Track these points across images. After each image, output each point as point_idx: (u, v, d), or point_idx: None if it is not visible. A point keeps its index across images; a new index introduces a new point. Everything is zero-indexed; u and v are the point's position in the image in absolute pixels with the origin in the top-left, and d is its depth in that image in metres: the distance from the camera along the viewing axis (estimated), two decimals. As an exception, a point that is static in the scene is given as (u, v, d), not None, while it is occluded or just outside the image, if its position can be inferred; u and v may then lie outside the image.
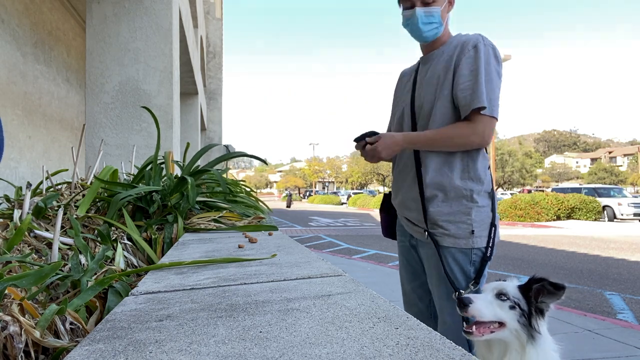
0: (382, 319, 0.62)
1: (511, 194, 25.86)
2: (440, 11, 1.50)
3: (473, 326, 1.24)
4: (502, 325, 1.24)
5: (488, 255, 1.44)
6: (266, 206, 2.41)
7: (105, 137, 3.76)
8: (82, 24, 6.53)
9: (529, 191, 29.07)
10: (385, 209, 1.78)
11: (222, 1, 18.13)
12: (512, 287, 1.28)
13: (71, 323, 0.75)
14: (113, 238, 1.38)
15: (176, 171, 2.61)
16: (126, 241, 1.42)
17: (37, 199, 1.51)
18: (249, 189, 2.62)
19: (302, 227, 13.63)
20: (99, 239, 1.34)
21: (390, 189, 1.79)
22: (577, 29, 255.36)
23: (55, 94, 5.71)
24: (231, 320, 0.64)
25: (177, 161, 2.51)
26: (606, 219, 15.91)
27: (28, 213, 1.32)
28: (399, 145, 1.50)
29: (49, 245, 1.18)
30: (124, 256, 1.28)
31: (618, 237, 10.37)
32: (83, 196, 1.72)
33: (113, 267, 1.09)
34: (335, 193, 46.70)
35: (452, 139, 1.44)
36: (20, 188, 1.99)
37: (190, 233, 1.67)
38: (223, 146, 13.34)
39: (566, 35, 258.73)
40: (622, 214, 15.62)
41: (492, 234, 1.45)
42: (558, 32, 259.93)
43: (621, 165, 68.26)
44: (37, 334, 0.67)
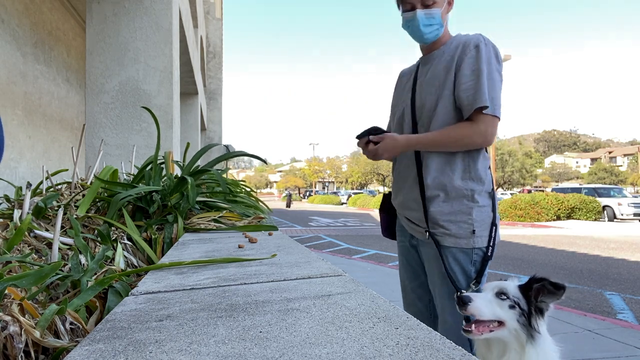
0: (382, 319, 0.62)
1: (511, 194, 25.85)
2: (440, 12, 1.50)
3: (472, 325, 1.24)
4: (502, 324, 1.24)
5: (489, 254, 1.44)
6: (266, 206, 2.41)
7: (105, 137, 3.76)
8: (82, 24, 6.53)
9: (529, 191, 29.07)
10: (385, 209, 1.78)
11: (222, 1, 18.13)
12: (513, 287, 1.28)
13: (71, 323, 0.75)
14: (113, 238, 1.38)
15: (176, 171, 2.61)
16: (126, 241, 1.42)
17: (37, 199, 1.51)
18: (249, 189, 2.62)
19: (302, 227, 13.63)
20: (99, 239, 1.34)
21: (390, 189, 1.79)
22: (577, 29, 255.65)
23: (55, 94, 5.71)
24: (231, 320, 0.64)
25: (177, 161, 2.51)
26: (606, 219, 15.91)
27: (28, 213, 1.32)
28: (401, 148, 1.51)
29: (49, 245, 1.18)
30: (124, 256, 1.28)
31: (618, 237, 10.37)
32: (83, 196, 1.72)
33: (113, 267, 1.09)
34: (335, 193, 46.68)
35: (455, 140, 1.44)
36: (20, 188, 1.99)
37: (190, 233, 1.67)
38: (223, 146, 13.33)
39: (566, 35, 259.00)
40: (622, 214, 15.62)
41: (493, 234, 1.45)
42: (558, 32, 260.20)
43: (621, 165, 68.26)
44: (37, 334, 0.67)
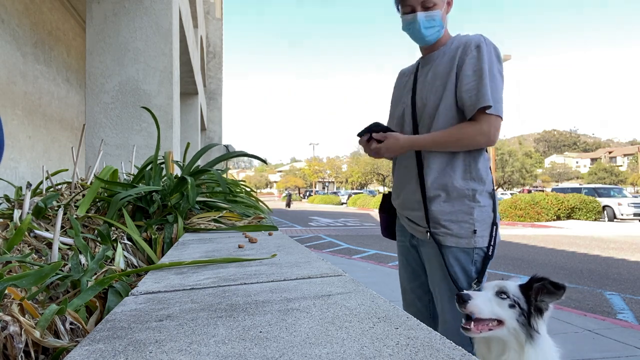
0: (382, 319, 0.62)
1: (511, 194, 25.85)
2: (440, 14, 1.50)
3: (471, 323, 1.24)
4: (501, 323, 1.23)
5: (490, 253, 1.44)
6: (266, 206, 2.41)
7: (105, 137, 3.76)
8: (82, 24, 6.53)
9: (529, 191, 29.08)
10: (384, 209, 1.78)
11: (222, 1, 18.13)
12: (513, 286, 1.28)
13: (71, 323, 0.75)
14: (113, 238, 1.38)
15: (176, 171, 2.61)
16: (126, 241, 1.42)
17: (37, 199, 1.51)
18: (249, 189, 2.62)
19: (302, 227, 13.63)
20: (99, 239, 1.34)
21: (390, 190, 1.79)
22: (577, 29, 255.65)
23: (55, 94, 5.71)
24: (231, 320, 0.64)
25: (177, 161, 2.51)
26: (606, 219, 15.91)
27: (28, 213, 1.32)
28: (404, 149, 1.52)
29: (49, 245, 1.18)
30: (124, 256, 1.28)
31: (618, 237, 10.37)
32: (83, 196, 1.72)
33: (113, 267, 1.09)
34: (335, 193, 46.67)
35: (458, 140, 1.45)
36: (20, 188, 1.99)
37: (190, 233, 1.67)
38: (223, 146, 13.33)
39: (566, 35, 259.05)
40: (622, 214, 15.62)
41: (494, 233, 1.46)
42: (558, 32, 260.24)
43: (621, 165, 68.26)
44: (37, 334, 0.67)
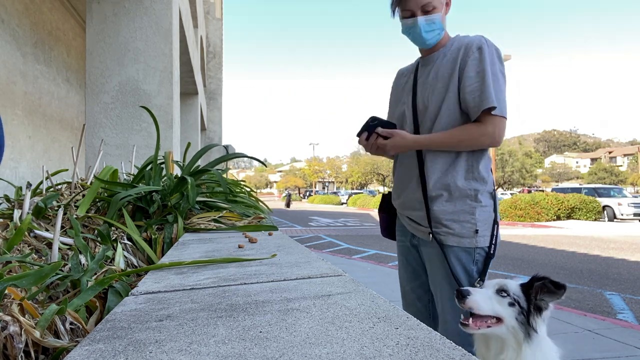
0: (382, 319, 0.62)
1: (511, 194, 25.85)
2: (440, 17, 1.49)
3: (470, 319, 1.24)
4: (500, 321, 1.24)
5: (492, 252, 1.45)
6: (266, 206, 2.41)
7: (105, 137, 3.76)
8: (82, 24, 6.53)
9: (529, 191, 29.08)
10: (384, 209, 1.78)
11: (222, 1, 18.13)
12: (514, 285, 1.28)
13: (71, 323, 0.75)
14: (113, 238, 1.38)
15: (176, 171, 2.61)
16: (126, 241, 1.42)
17: (37, 199, 1.51)
18: (249, 189, 2.62)
19: (302, 227, 13.63)
20: (99, 239, 1.34)
21: (390, 189, 1.79)
22: (578, 29, 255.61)
23: (55, 94, 5.71)
24: (231, 320, 0.64)
25: (177, 161, 2.51)
26: (606, 219, 15.91)
27: (28, 213, 1.32)
28: (409, 148, 1.52)
29: (49, 245, 1.18)
30: (124, 256, 1.28)
31: (618, 237, 10.37)
32: (83, 196, 1.72)
33: (113, 267, 1.09)
34: (335, 193, 46.66)
35: (464, 141, 1.45)
36: (20, 188, 1.99)
37: (190, 233, 1.67)
38: (222, 147, 13.33)
39: (566, 35, 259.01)
40: (622, 214, 15.62)
41: (495, 232, 1.46)
42: (558, 32, 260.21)
43: (621, 165, 68.27)
44: (37, 334, 0.67)
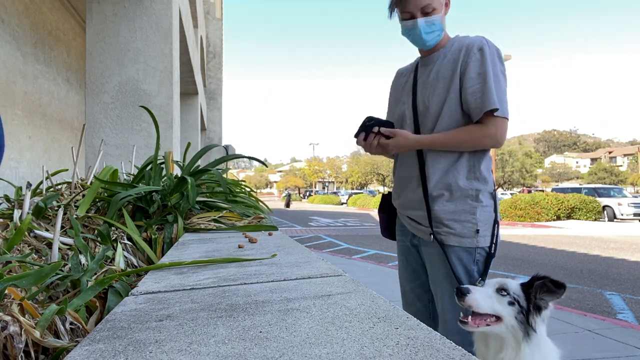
0: (382, 319, 0.62)
1: (511, 194, 25.85)
2: (440, 18, 1.50)
3: (469, 317, 1.25)
4: (499, 319, 1.24)
5: (493, 252, 1.45)
6: (266, 206, 2.41)
7: (105, 137, 3.76)
8: (82, 24, 6.53)
9: (529, 191, 29.08)
10: (384, 210, 1.78)
11: (222, 1, 18.12)
12: (514, 284, 1.28)
13: (71, 323, 0.75)
14: (113, 238, 1.38)
15: (176, 171, 2.61)
16: (126, 241, 1.42)
17: (37, 199, 1.51)
18: (249, 189, 2.61)
19: (302, 227, 13.63)
20: (99, 239, 1.34)
21: (390, 189, 1.79)
22: (578, 29, 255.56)
23: (55, 94, 5.71)
24: (231, 320, 0.64)
25: (177, 161, 2.51)
26: (606, 219, 15.91)
27: (28, 213, 1.32)
28: (411, 148, 1.53)
29: (49, 245, 1.18)
30: (124, 256, 1.28)
31: (618, 237, 10.37)
32: (83, 196, 1.72)
33: (113, 267, 1.09)
34: (335, 193, 46.65)
35: (466, 142, 1.46)
36: (20, 188, 1.99)
37: (190, 233, 1.67)
38: (222, 147, 13.33)
39: (566, 35, 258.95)
40: (622, 214, 15.61)
41: (496, 232, 1.47)
42: (558, 32, 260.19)
43: (621, 165, 68.27)
44: (37, 334, 0.67)
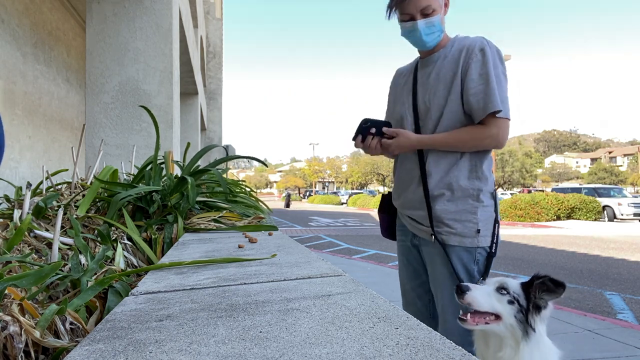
0: (382, 319, 0.62)
1: (511, 194, 25.85)
2: (439, 19, 1.50)
3: (468, 314, 1.25)
4: (498, 318, 1.24)
5: (494, 251, 1.46)
6: (266, 206, 2.40)
7: (105, 137, 3.76)
8: (82, 24, 6.52)
9: (529, 191, 29.08)
10: (384, 210, 1.79)
11: (222, 1, 18.12)
12: (515, 284, 1.28)
13: (71, 323, 0.75)
14: (113, 238, 1.38)
15: (176, 171, 2.61)
16: (126, 241, 1.42)
17: (37, 199, 1.51)
18: (249, 189, 2.61)
19: (302, 227, 13.63)
20: (99, 239, 1.34)
21: (390, 190, 1.79)
22: (578, 29, 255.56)
23: (55, 94, 5.71)
24: (231, 320, 0.64)
25: (177, 161, 2.51)
26: (606, 219, 15.91)
27: (28, 213, 1.32)
28: (413, 147, 1.53)
29: (49, 245, 1.18)
30: (124, 256, 1.28)
31: (618, 237, 10.37)
32: (83, 196, 1.72)
33: (113, 267, 1.09)
34: (335, 193, 46.64)
35: (467, 142, 1.46)
36: (20, 188, 1.99)
37: (190, 233, 1.67)
38: (222, 147, 13.32)
39: (566, 35, 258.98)
40: (622, 214, 15.61)
41: (496, 231, 1.47)
42: (558, 32, 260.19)
43: (621, 165, 68.28)
44: (37, 334, 0.67)
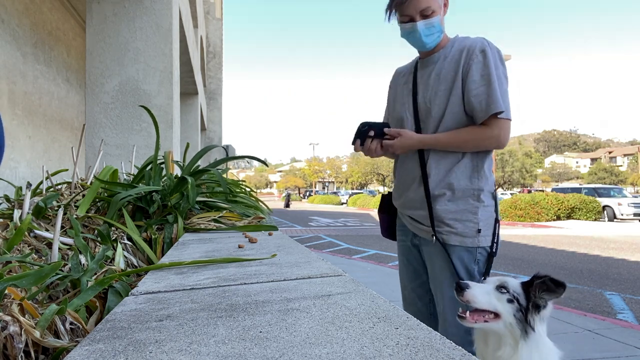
0: (382, 319, 0.62)
1: (511, 194, 25.84)
2: (439, 19, 1.50)
3: (467, 312, 1.25)
4: (498, 316, 1.24)
5: (494, 251, 1.46)
6: (266, 206, 2.40)
7: (105, 137, 3.76)
8: (82, 24, 6.52)
9: (529, 191, 29.08)
10: (384, 210, 1.79)
11: (222, 1, 18.13)
12: (515, 282, 1.28)
13: (71, 323, 0.75)
14: (113, 238, 1.38)
15: (176, 171, 2.61)
16: (126, 241, 1.42)
17: (37, 199, 1.51)
18: (249, 189, 2.61)
19: (302, 227, 13.63)
20: (99, 239, 1.34)
21: (390, 190, 1.79)
22: (578, 29, 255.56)
23: (55, 94, 5.71)
24: (231, 320, 0.64)
25: (177, 161, 2.51)
26: (606, 219, 15.91)
27: (28, 213, 1.32)
28: (415, 147, 1.53)
29: (49, 245, 1.18)
30: (124, 256, 1.28)
31: (618, 237, 10.37)
32: (83, 196, 1.72)
33: (113, 267, 1.09)
34: (335, 193, 46.64)
35: (468, 143, 1.46)
36: (20, 188, 1.99)
37: (190, 233, 1.67)
38: (222, 148, 13.32)
39: (566, 35, 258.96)
40: (622, 214, 15.61)
41: (497, 231, 1.48)
42: (558, 32, 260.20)
43: (621, 165, 68.28)
44: (37, 334, 0.67)
